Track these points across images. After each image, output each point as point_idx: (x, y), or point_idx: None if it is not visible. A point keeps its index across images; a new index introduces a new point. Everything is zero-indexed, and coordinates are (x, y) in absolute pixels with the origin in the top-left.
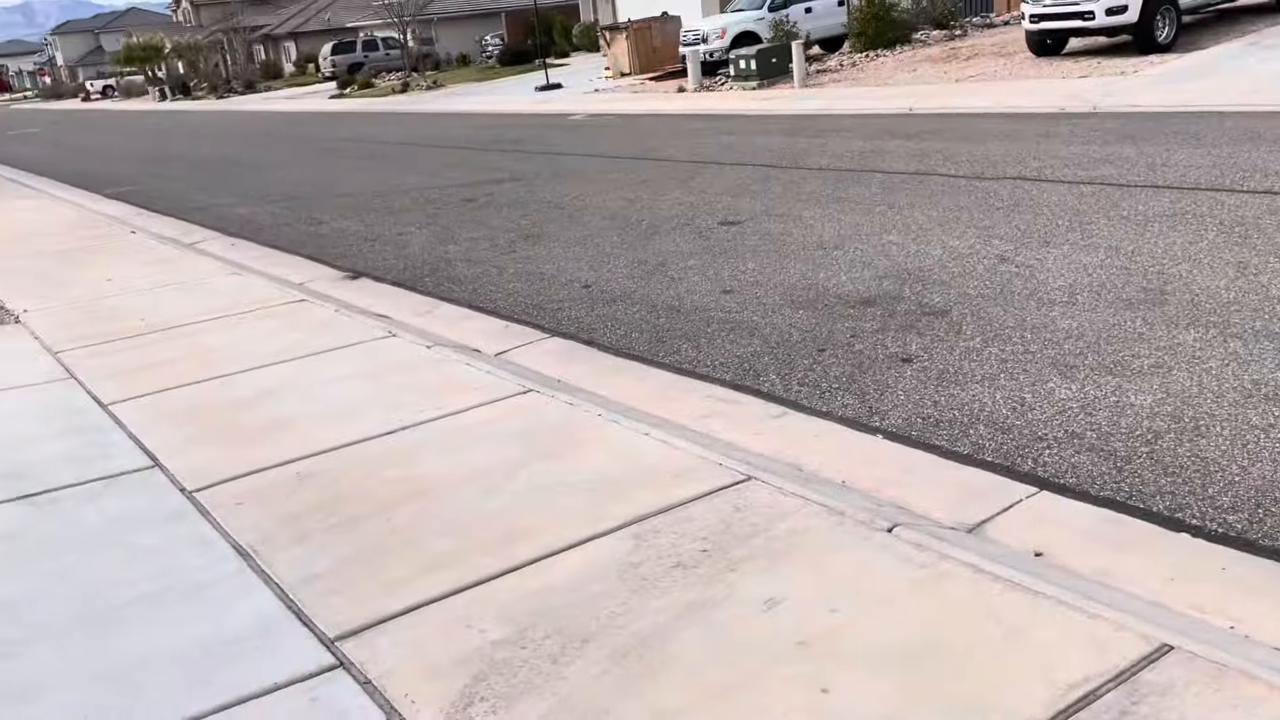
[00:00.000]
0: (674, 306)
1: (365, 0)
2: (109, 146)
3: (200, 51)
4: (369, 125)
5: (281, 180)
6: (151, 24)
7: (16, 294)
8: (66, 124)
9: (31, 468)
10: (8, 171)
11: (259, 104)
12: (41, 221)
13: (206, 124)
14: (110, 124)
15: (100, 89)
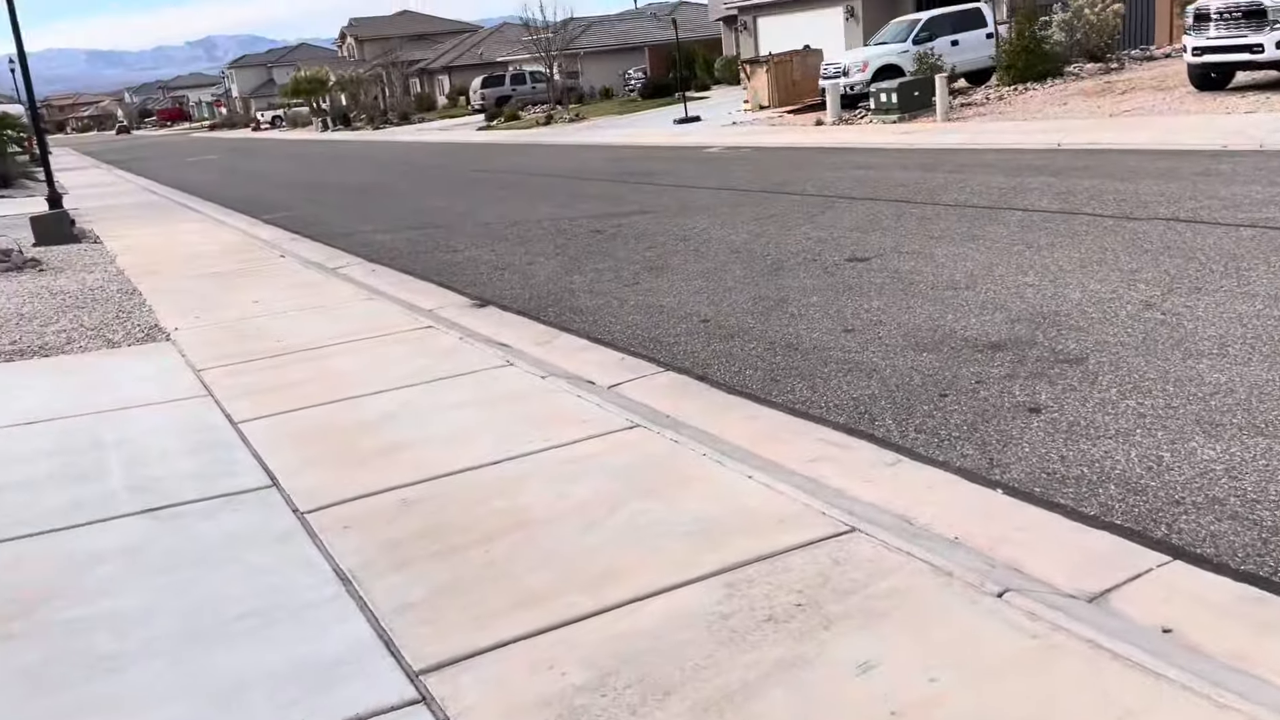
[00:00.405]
0: (792, 344)
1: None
2: (272, 173)
3: (361, 85)
4: (511, 156)
5: (423, 209)
6: (319, 58)
7: (172, 313)
8: (237, 152)
9: (161, 483)
10: (181, 196)
11: (411, 134)
12: (204, 244)
13: (361, 153)
14: (275, 152)
15: (269, 119)
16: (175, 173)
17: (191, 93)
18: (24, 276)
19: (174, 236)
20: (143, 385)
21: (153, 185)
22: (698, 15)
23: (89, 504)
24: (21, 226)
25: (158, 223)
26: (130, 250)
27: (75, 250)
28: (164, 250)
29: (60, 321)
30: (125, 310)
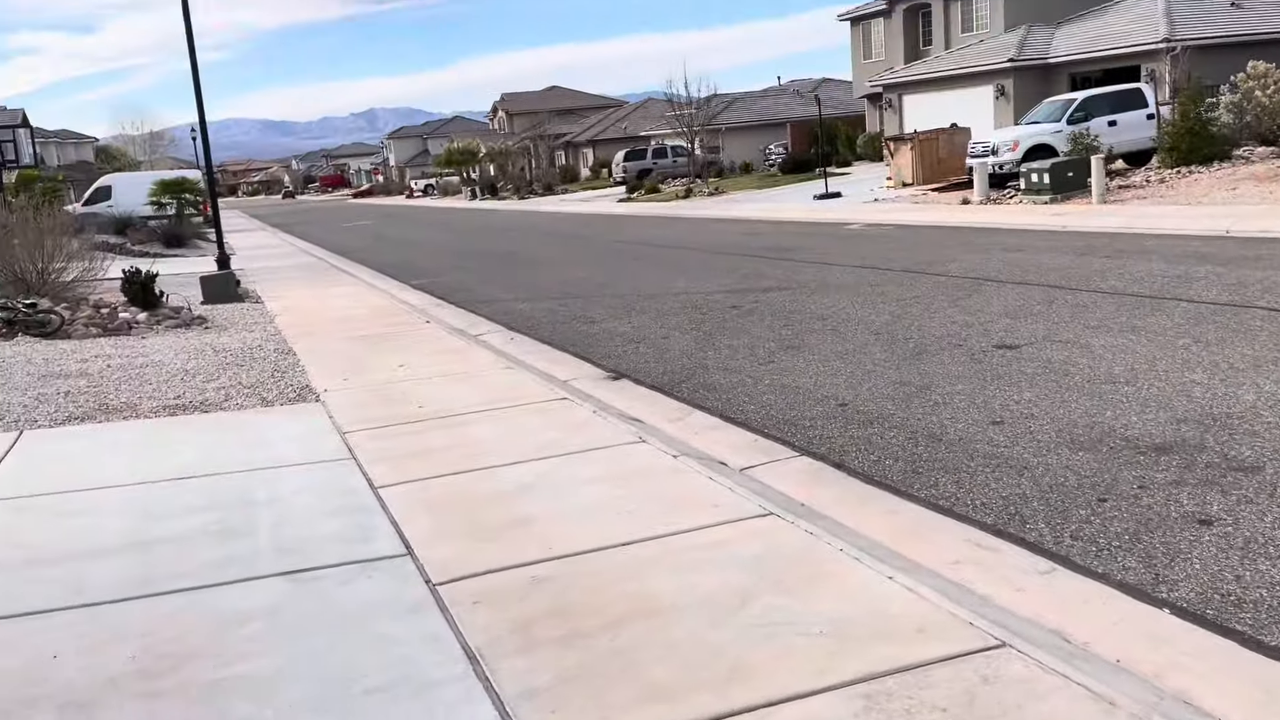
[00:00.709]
0: (935, 434)
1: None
2: (421, 240)
3: (509, 156)
4: (649, 228)
5: (562, 278)
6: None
7: (323, 374)
8: (391, 218)
9: (304, 544)
10: (336, 259)
11: (554, 205)
12: (355, 307)
13: (506, 222)
14: (425, 220)
15: (422, 187)
16: (333, 236)
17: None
18: (191, 333)
19: (328, 299)
20: (292, 445)
21: (312, 248)
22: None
23: (237, 562)
24: (192, 285)
25: (314, 285)
26: (288, 311)
27: (238, 309)
28: (318, 312)
29: (220, 378)
30: (280, 369)
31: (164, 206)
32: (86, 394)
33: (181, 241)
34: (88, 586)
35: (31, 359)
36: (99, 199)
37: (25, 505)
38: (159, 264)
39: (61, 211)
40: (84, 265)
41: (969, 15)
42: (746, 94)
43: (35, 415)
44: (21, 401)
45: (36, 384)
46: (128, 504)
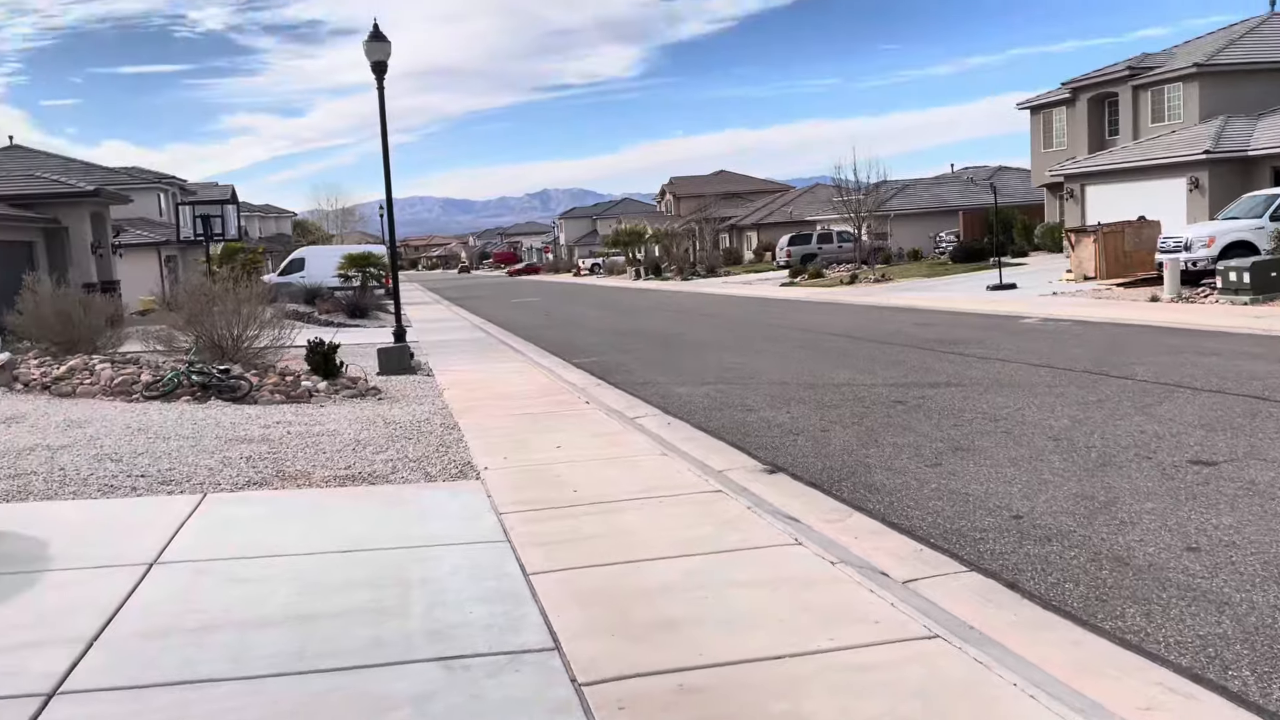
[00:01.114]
0: (1121, 557)
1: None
2: (586, 318)
3: (674, 238)
4: (811, 314)
5: (721, 363)
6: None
7: (484, 451)
8: (558, 295)
9: (454, 629)
10: (504, 334)
11: (717, 287)
12: (520, 384)
13: (668, 303)
14: (590, 298)
15: (589, 266)
16: (502, 312)
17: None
18: (366, 403)
19: (494, 374)
20: (451, 523)
21: (483, 323)
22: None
23: (389, 644)
24: (370, 355)
25: (481, 359)
26: (456, 385)
27: (410, 381)
28: (484, 387)
29: (389, 450)
30: (445, 444)
31: (350, 279)
32: (266, 460)
33: (364, 312)
34: (248, 657)
35: (220, 422)
36: (293, 270)
37: (204, 569)
38: (341, 334)
39: (258, 282)
40: (274, 334)
41: (1159, 105)
42: (917, 180)
43: (219, 479)
44: (208, 464)
45: (223, 448)
46: (295, 574)
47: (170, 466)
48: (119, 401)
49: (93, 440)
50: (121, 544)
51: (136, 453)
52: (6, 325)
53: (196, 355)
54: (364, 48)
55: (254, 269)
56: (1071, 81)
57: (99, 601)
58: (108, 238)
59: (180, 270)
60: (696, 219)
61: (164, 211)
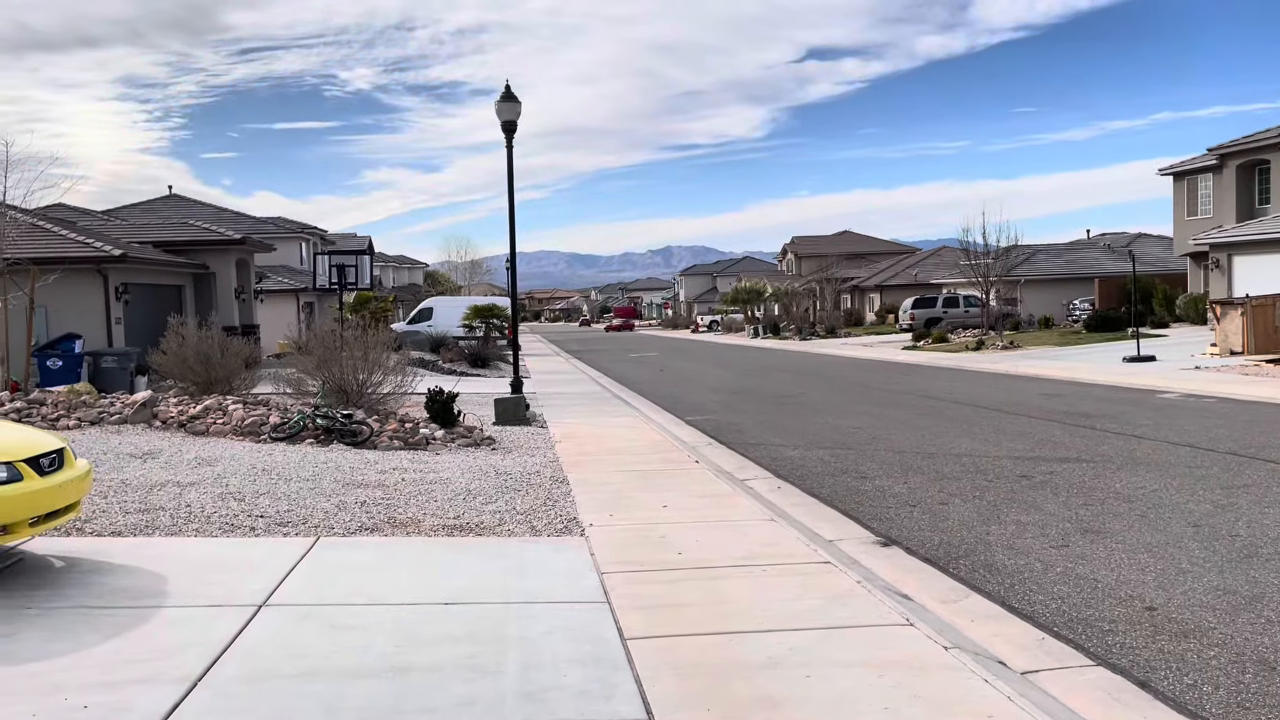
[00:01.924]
0: (1268, 660)
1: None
2: (701, 375)
3: (794, 297)
4: (934, 380)
5: (837, 427)
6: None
7: (591, 507)
8: (674, 351)
9: (547, 692)
10: (618, 388)
11: (836, 348)
12: (631, 439)
13: (785, 363)
14: (706, 355)
15: (707, 323)
16: (618, 366)
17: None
18: (479, 452)
19: (606, 428)
20: (552, 580)
21: (599, 377)
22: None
23: (482, 703)
24: (487, 405)
25: (594, 413)
26: (568, 438)
27: (524, 433)
28: (595, 441)
29: (497, 502)
30: (553, 499)
31: (474, 329)
32: (379, 505)
33: (485, 362)
34: (343, 708)
35: (340, 466)
36: (421, 319)
37: (309, 613)
38: (462, 383)
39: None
40: (397, 380)
41: None
42: (1050, 246)
43: (333, 522)
44: (324, 507)
45: (340, 491)
46: (396, 625)
47: (288, 508)
48: (248, 441)
49: (219, 478)
50: (235, 584)
51: (259, 493)
52: (152, 364)
53: (323, 399)
54: (495, 108)
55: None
56: (1219, 147)
57: (208, 641)
58: (250, 283)
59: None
60: (818, 279)
61: (304, 260)
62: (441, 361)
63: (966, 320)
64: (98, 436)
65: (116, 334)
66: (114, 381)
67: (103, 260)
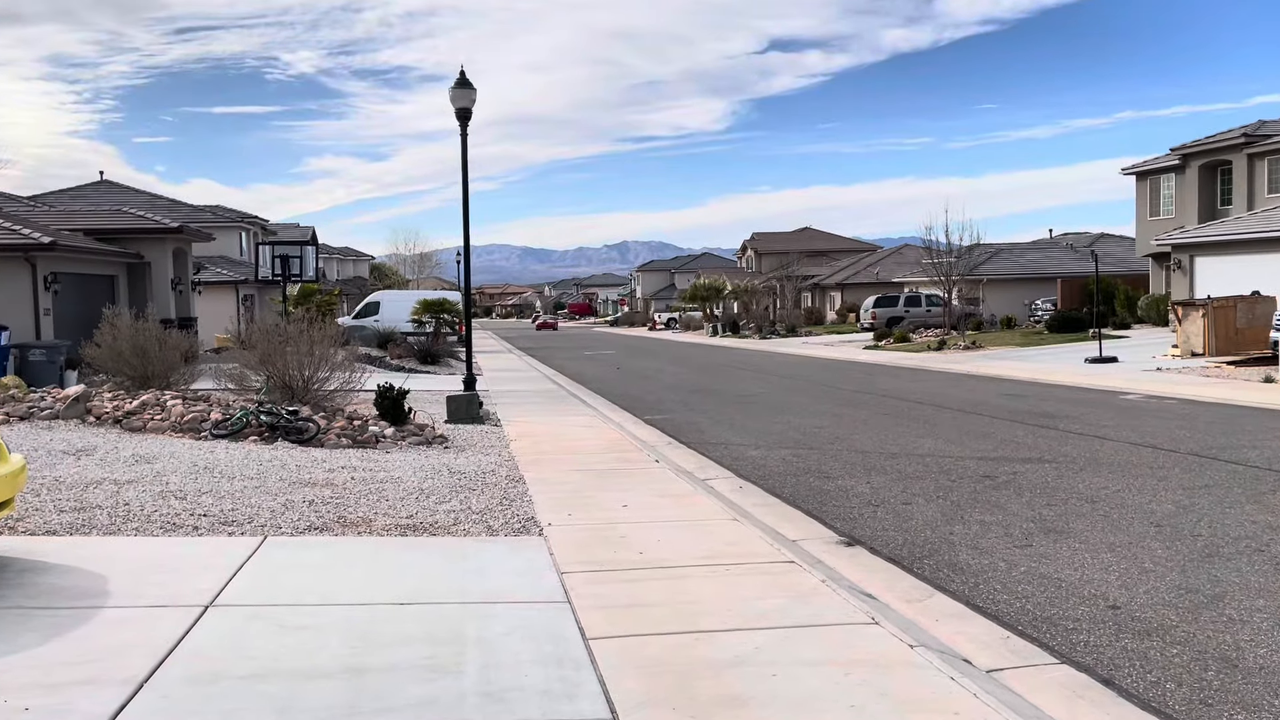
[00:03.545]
0: (1229, 658)
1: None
2: (659, 373)
3: (754, 295)
4: (897, 380)
5: (799, 427)
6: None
7: (548, 507)
8: (632, 350)
9: (507, 692)
10: (574, 387)
11: (797, 347)
12: (589, 439)
13: (745, 361)
14: (665, 353)
15: (665, 320)
16: (574, 364)
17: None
18: (431, 451)
19: (562, 427)
20: (510, 580)
21: (554, 375)
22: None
23: (441, 703)
24: (438, 403)
25: (551, 411)
26: (523, 436)
27: (478, 431)
28: (552, 440)
29: (452, 501)
30: (509, 498)
31: (424, 324)
32: (329, 504)
33: (435, 359)
34: (295, 709)
35: (286, 464)
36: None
37: (258, 614)
38: (411, 380)
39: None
40: (344, 377)
41: (1277, 175)
42: (1013, 245)
43: (280, 521)
44: (271, 506)
45: (287, 489)
46: (349, 625)
47: (233, 507)
48: (188, 438)
49: (159, 476)
50: (179, 584)
51: (201, 491)
52: (84, 358)
53: (267, 395)
54: (449, 94)
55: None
56: (1182, 147)
57: (152, 642)
58: (188, 274)
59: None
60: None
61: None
62: (390, 358)
63: (929, 319)
64: (27, 432)
65: (45, 325)
66: (43, 375)
67: (31, 248)
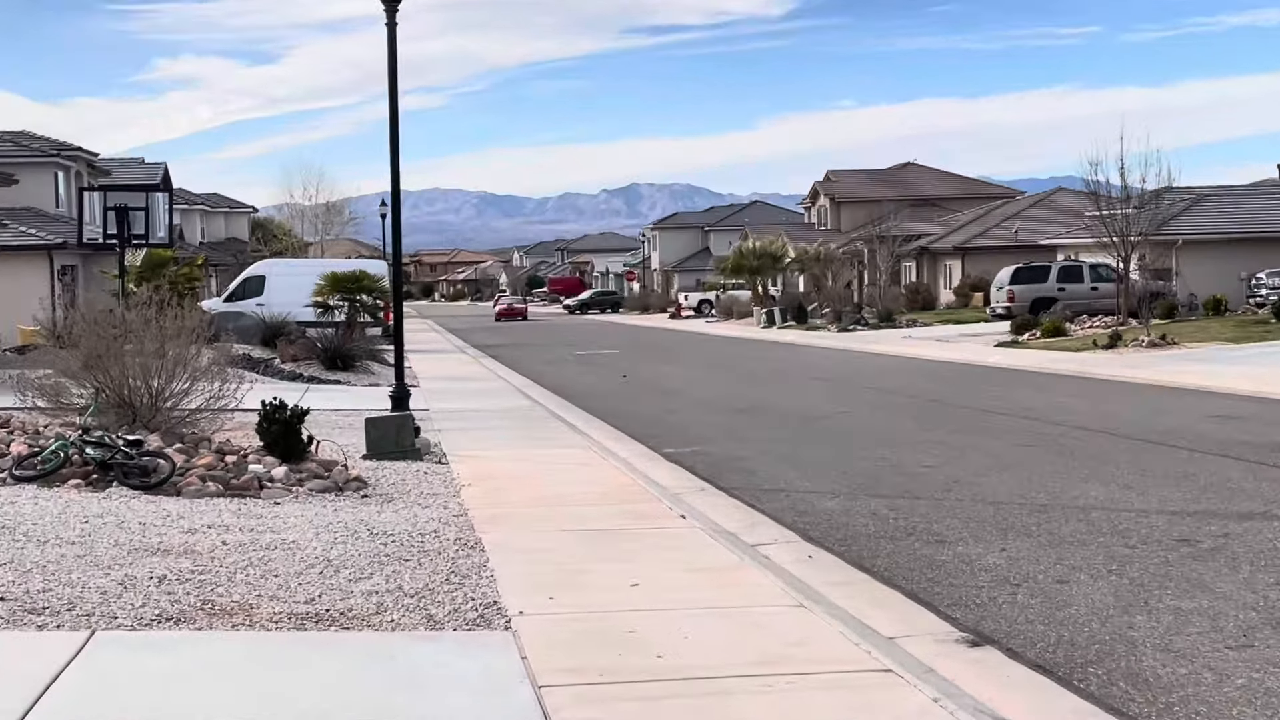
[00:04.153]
0: None
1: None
2: (688, 385)
3: (829, 265)
4: (1045, 393)
5: (899, 463)
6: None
7: (519, 586)
8: (646, 347)
9: None
10: (558, 404)
11: (894, 344)
12: (579, 482)
13: (816, 365)
14: (696, 353)
15: (695, 303)
16: (558, 370)
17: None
18: (343, 502)
19: (541, 464)
20: (461, 699)
21: (528, 386)
22: None
23: None
24: (355, 429)
25: (523, 442)
26: (482, 478)
27: (413, 471)
28: (524, 483)
29: (374, 577)
30: (460, 572)
31: (332, 310)
32: (188, 583)
33: (350, 362)
34: None
35: (125, 522)
36: (247, 293)
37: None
38: (314, 394)
39: (195, 310)
40: (213, 390)
41: None
42: (1222, 190)
43: (115, 608)
44: (101, 585)
45: (125, 560)
46: None
47: (44, 587)
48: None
49: None
50: None
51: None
52: None
53: (95, 417)
54: None
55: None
56: None
57: None
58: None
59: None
60: (866, 237)
61: (62, 199)
62: (281, 360)
63: (1095, 302)
64: None
65: None
66: None
67: None
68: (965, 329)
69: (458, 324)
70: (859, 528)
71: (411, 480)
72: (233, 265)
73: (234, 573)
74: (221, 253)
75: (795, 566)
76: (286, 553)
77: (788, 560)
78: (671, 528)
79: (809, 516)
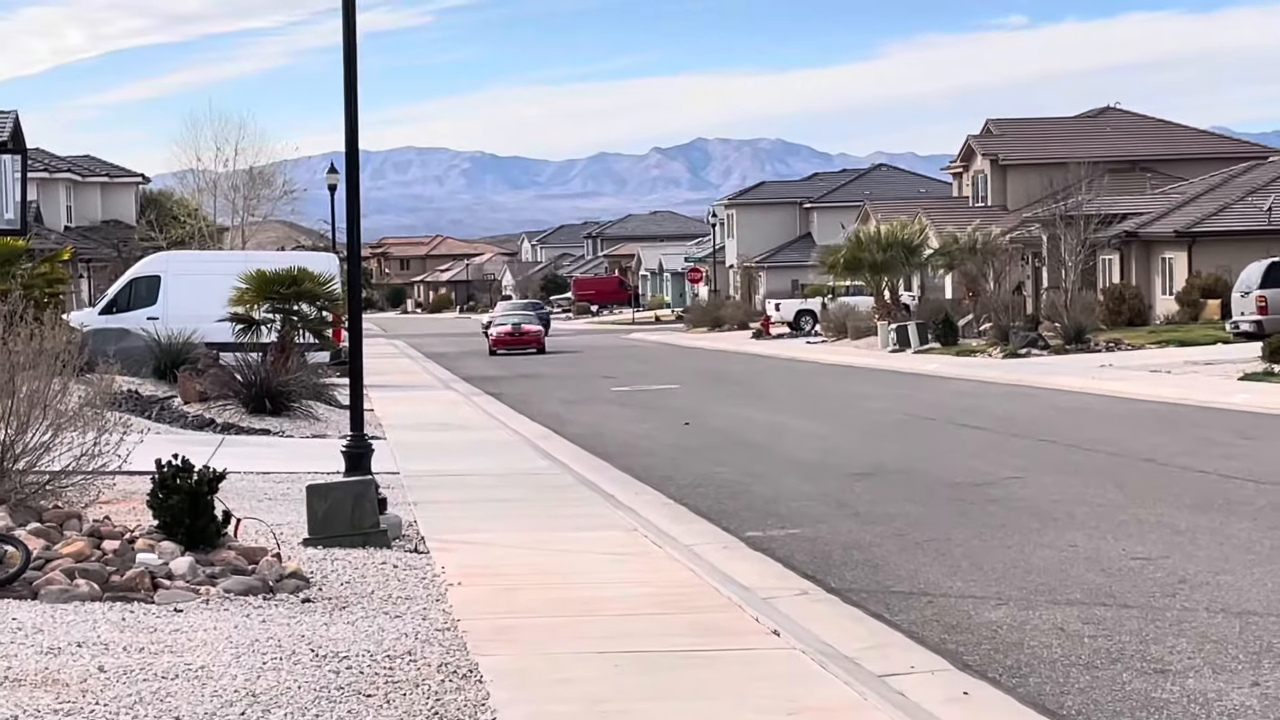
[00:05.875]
0: None
1: None
2: (779, 437)
3: (991, 258)
4: None
5: (1097, 555)
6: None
7: None
8: (718, 379)
9: None
10: (588, 464)
11: (1087, 376)
12: (621, 582)
13: (974, 409)
14: (794, 390)
15: (790, 315)
16: (585, 411)
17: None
18: (276, 609)
19: (565, 554)
20: None
21: (543, 436)
22: None
23: None
24: (291, 500)
25: (538, 520)
26: (478, 575)
27: (376, 562)
28: (541, 582)
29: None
30: (447, 717)
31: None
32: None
33: (283, 403)
34: None
35: None
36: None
37: None
38: (231, 449)
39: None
40: (85, 443)
41: None
42: None
43: None
44: None
45: None
46: None
47: None
48: None
49: None
50: None
51: None
52: None
53: None
54: None
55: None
56: None
57: None
58: None
59: None
60: (1044, 218)
61: None
62: (184, 400)
63: None
64: None
65: None
66: None
67: None
68: (1193, 353)
69: (440, 346)
70: (1038, 650)
71: (374, 577)
72: (114, 260)
73: (115, 714)
74: (98, 242)
75: (945, 708)
76: (192, 684)
77: (934, 699)
78: (760, 649)
79: (963, 633)
